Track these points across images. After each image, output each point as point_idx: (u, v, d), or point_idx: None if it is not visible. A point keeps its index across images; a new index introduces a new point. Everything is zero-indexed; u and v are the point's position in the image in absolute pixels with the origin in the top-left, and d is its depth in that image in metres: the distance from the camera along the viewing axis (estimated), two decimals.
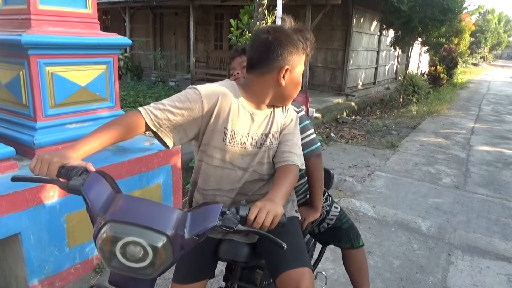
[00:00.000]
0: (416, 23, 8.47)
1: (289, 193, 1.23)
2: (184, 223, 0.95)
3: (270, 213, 1.02)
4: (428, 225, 3.43)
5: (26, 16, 2.40)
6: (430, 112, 9.47)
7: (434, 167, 5.20)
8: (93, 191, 0.99)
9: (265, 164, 1.40)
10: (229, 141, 1.33)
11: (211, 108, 1.29)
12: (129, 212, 0.92)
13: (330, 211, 1.91)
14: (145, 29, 13.81)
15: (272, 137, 1.39)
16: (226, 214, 0.99)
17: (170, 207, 0.97)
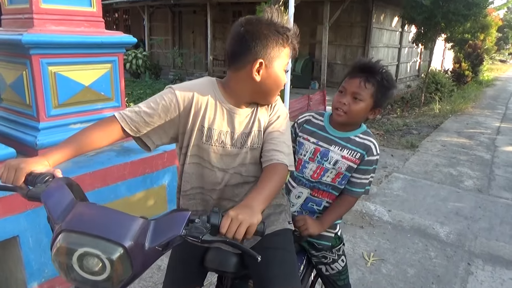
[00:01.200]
0: (439, 18, 8.16)
1: (272, 196, 1.10)
2: (146, 233, 0.87)
3: (244, 223, 0.92)
4: (447, 232, 3.25)
5: (29, 15, 2.36)
6: (454, 110, 9.14)
7: (456, 169, 4.98)
8: (53, 199, 0.94)
9: (249, 166, 1.29)
10: (205, 139, 1.26)
11: (187, 107, 1.23)
12: (85, 221, 0.86)
13: (337, 261, 1.74)
14: (164, 28, 13.89)
15: (254, 137, 1.27)
16: (194, 222, 0.90)
17: (131, 216, 0.88)
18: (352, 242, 3.02)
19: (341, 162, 1.53)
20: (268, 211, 1.36)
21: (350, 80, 1.49)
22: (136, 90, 9.14)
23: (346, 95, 1.48)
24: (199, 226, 0.89)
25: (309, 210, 1.65)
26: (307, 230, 1.55)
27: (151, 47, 13.62)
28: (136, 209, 2.63)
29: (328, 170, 1.56)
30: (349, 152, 1.53)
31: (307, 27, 10.77)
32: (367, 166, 1.55)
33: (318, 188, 1.60)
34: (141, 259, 0.85)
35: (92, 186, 2.37)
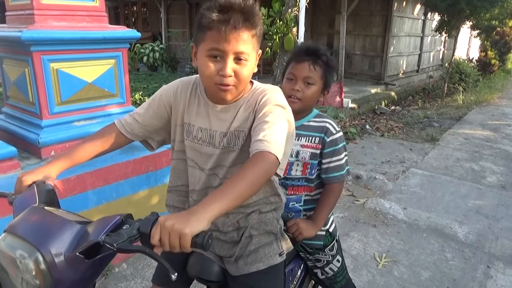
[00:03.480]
0: (463, 5, 7.77)
1: (240, 197, 0.88)
2: (73, 239, 0.84)
3: (173, 233, 0.78)
4: (466, 231, 3.08)
5: (30, 12, 2.33)
6: (478, 101, 8.77)
7: (478, 164, 4.75)
8: (20, 205, 0.99)
9: (227, 168, 1.17)
10: (186, 135, 1.22)
11: (170, 102, 1.23)
12: (23, 225, 0.88)
13: (331, 262, 1.65)
14: (181, 20, 13.83)
15: (233, 137, 1.15)
16: (122, 228, 0.83)
17: (68, 222, 0.87)
18: (364, 242, 2.91)
19: (302, 151, 1.48)
20: (256, 242, 1.25)
21: (298, 66, 1.46)
22: (152, 84, 9.16)
23: (297, 81, 1.45)
24: (124, 232, 0.81)
25: (293, 210, 1.57)
26: (301, 235, 1.47)
27: (168, 40, 13.62)
28: (139, 208, 2.59)
29: (293, 163, 1.50)
30: (307, 139, 1.49)
31: (325, 16, 10.52)
32: (333, 147, 1.49)
33: (292, 185, 1.54)
34: (63, 267, 0.82)
35: (93, 185, 2.34)
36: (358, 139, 5.74)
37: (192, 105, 1.21)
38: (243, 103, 1.16)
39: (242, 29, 1.02)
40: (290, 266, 1.52)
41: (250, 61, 1.08)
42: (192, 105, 1.21)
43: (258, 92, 1.16)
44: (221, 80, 1.05)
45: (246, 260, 1.24)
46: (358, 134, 6.00)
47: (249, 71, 1.09)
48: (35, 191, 1.01)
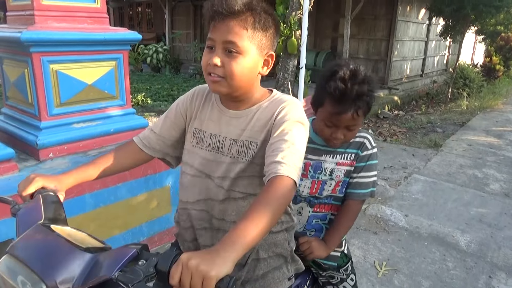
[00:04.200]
0: (469, 10, 7.73)
1: (265, 229, 0.82)
2: (81, 271, 0.76)
3: (197, 275, 0.69)
4: (468, 240, 3.04)
5: (30, 12, 2.32)
6: (482, 107, 8.71)
7: (482, 171, 4.70)
8: (23, 218, 0.93)
9: (231, 180, 1.10)
10: (194, 142, 1.18)
11: (186, 109, 1.21)
12: (27, 249, 0.80)
13: (345, 280, 1.60)
14: (185, 22, 13.85)
15: (242, 146, 1.10)
16: (137, 264, 0.75)
17: (77, 250, 0.78)
18: (364, 249, 2.87)
19: (337, 169, 1.40)
20: (265, 266, 1.18)
21: (340, 117, 1.28)
22: (155, 85, 9.15)
23: (339, 128, 1.31)
24: (139, 270, 0.73)
25: (315, 228, 1.50)
26: (312, 254, 1.40)
27: (172, 41, 13.64)
28: (138, 211, 2.57)
29: (326, 182, 1.42)
30: (342, 156, 1.40)
31: (329, 20, 10.50)
32: (364, 162, 1.40)
33: (319, 202, 1.46)
34: None
35: (91, 188, 2.31)
36: None
37: (205, 111, 1.18)
38: (258, 110, 1.11)
39: (231, 19, 1.00)
40: (297, 282, 1.44)
41: (245, 56, 1.02)
42: (205, 111, 1.18)
43: (276, 102, 1.11)
44: (209, 69, 1.04)
45: (254, 285, 1.17)
46: None
47: (241, 67, 1.02)
48: (41, 204, 0.94)
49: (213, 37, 1.03)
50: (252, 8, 1.02)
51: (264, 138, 1.08)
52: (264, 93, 1.16)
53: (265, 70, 1.10)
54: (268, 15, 1.05)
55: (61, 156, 2.43)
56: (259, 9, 1.03)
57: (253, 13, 1.02)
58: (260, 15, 1.03)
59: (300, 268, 1.29)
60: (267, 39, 1.06)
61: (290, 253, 1.24)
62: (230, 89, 1.05)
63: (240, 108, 1.13)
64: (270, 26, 1.05)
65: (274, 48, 1.11)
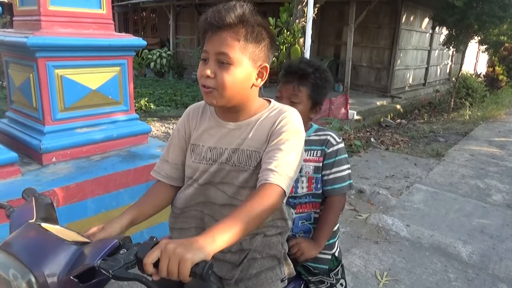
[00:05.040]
0: (472, 20, 7.76)
1: (245, 229, 0.87)
2: (70, 260, 0.81)
3: (173, 258, 0.74)
4: (470, 251, 3.03)
5: (37, 18, 2.34)
6: (485, 117, 8.70)
7: (484, 181, 4.69)
8: (17, 218, 0.97)
9: (235, 188, 1.13)
10: (193, 157, 1.19)
11: (185, 130, 1.23)
12: (17, 243, 0.85)
13: (334, 286, 1.61)
14: (189, 27, 13.94)
15: (244, 156, 1.11)
16: (119, 253, 0.79)
17: (63, 243, 0.83)
18: (365, 259, 2.86)
19: (305, 166, 1.48)
20: (259, 265, 1.20)
21: (284, 86, 1.48)
22: (158, 90, 9.18)
23: (283, 100, 1.46)
24: (120, 258, 0.77)
25: (303, 229, 1.54)
26: (303, 255, 1.43)
27: (176, 47, 13.71)
28: None
29: (298, 180, 1.48)
30: (309, 153, 1.48)
31: (333, 28, 10.54)
32: (332, 158, 1.49)
33: (299, 203, 1.51)
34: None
35: (93, 193, 2.32)
36: (362, 152, 5.70)
37: (202, 126, 1.19)
38: (258, 120, 1.13)
39: (224, 31, 1.02)
40: (290, 287, 1.48)
41: (236, 67, 1.03)
42: (202, 126, 1.19)
43: (275, 113, 1.13)
44: (202, 81, 1.05)
45: (247, 284, 1.20)
46: (363, 147, 5.96)
47: (233, 78, 1.03)
48: (33, 205, 0.98)
49: (207, 49, 1.05)
50: (245, 21, 1.03)
51: (265, 148, 1.10)
52: (263, 104, 1.17)
53: (259, 82, 1.11)
54: (262, 27, 1.06)
55: (64, 160, 2.44)
56: (252, 21, 1.04)
57: (245, 25, 1.03)
58: (253, 27, 1.04)
59: (292, 272, 1.31)
60: (260, 51, 1.07)
61: (284, 255, 1.27)
62: (223, 100, 1.06)
63: (239, 119, 1.14)
64: (263, 38, 1.07)
65: (269, 60, 1.12)
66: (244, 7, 1.04)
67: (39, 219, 0.94)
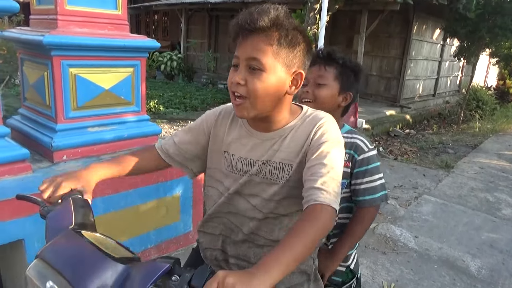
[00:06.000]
0: (484, 32, 7.72)
1: (302, 255, 0.79)
2: (117, 281, 0.74)
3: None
4: (479, 266, 2.98)
5: (53, 17, 2.36)
6: (495, 130, 8.62)
7: (493, 195, 4.63)
8: (53, 221, 0.93)
9: (263, 201, 1.08)
10: (226, 165, 1.14)
11: (210, 128, 1.18)
12: (58, 255, 0.79)
13: None
14: (201, 31, 14.02)
15: (276, 168, 1.06)
16: (170, 279, 0.73)
17: (110, 260, 0.76)
18: (372, 269, 2.83)
19: None
20: (287, 281, 1.15)
21: (310, 69, 1.39)
22: (168, 92, 9.22)
23: (309, 84, 1.40)
24: (173, 286, 0.71)
25: None
26: (325, 275, 1.39)
27: (186, 50, 13.79)
28: (147, 218, 2.56)
29: None
30: None
31: (343, 36, 10.54)
32: (364, 166, 1.39)
33: None
34: None
35: (102, 193, 2.32)
36: None
37: (233, 133, 1.14)
38: (291, 130, 1.07)
39: (256, 35, 0.97)
40: None
41: (269, 74, 0.97)
42: (232, 133, 1.14)
43: (309, 120, 1.07)
44: (232, 88, 1.00)
45: None
46: None
47: (265, 85, 0.97)
48: (71, 208, 0.93)
49: (238, 55, 1.00)
50: (278, 24, 0.97)
51: (300, 160, 1.04)
52: (295, 110, 1.11)
53: (293, 90, 1.04)
54: (297, 31, 1.00)
55: (75, 159, 2.45)
56: (287, 25, 0.98)
57: (279, 29, 0.97)
58: (288, 31, 0.98)
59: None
60: (294, 57, 1.00)
61: (314, 271, 1.22)
62: (255, 110, 1.01)
63: (271, 129, 1.08)
64: (298, 43, 1.00)
65: (305, 67, 1.05)
66: (278, 9, 0.98)
67: (77, 225, 0.89)
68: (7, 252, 2.21)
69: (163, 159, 1.21)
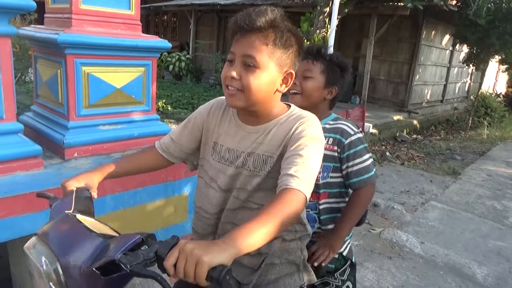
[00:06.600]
0: (494, 39, 7.69)
1: (267, 234, 0.83)
2: (94, 252, 0.82)
3: (191, 259, 0.71)
4: (485, 273, 2.97)
5: (68, 15, 2.39)
6: (503, 137, 8.57)
7: (501, 203, 4.60)
8: (56, 210, 1.01)
9: (248, 192, 1.13)
10: (214, 155, 1.20)
11: (203, 121, 1.24)
12: (51, 232, 0.90)
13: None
14: (209, 32, 14.09)
15: (258, 160, 1.11)
16: (140, 249, 0.79)
17: (90, 235, 0.86)
18: (378, 273, 2.82)
19: None
20: (277, 271, 1.20)
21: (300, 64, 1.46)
22: (176, 92, 9.27)
23: (297, 78, 1.44)
24: (141, 254, 0.77)
25: (308, 218, 1.49)
26: (326, 260, 1.42)
27: (195, 51, 13.86)
28: (155, 216, 2.58)
29: None
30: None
31: (352, 39, 10.53)
32: (353, 149, 1.45)
33: None
34: (78, 280, 0.80)
35: (112, 190, 2.34)
36: (377, 166, 5.65)
37: (223, 125, 1.21)
38: (275, 125, 1.12)
39: (253, 34, 1.02)
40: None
41: (262, 71, 1.03)
42: (222, 125, 1.21)
43: (293, 117, 1.12)
44: (227, 82, 1.06)
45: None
46: (378, 160, 5.92)
47: (258, 81, 1.03)
48: (73, 197, 1.02)
49: (234, 51, 1.05)
50: (275, 25, 1.03)
51: (280, 153, 1.09)
52: (283, 108, 1.17)
53: (283, 88, 1.11)
54: (291, 34, 1.06)
55: (85, 156, 2.47)
56: (282, 27, 1.04)
57: (275, 30, 1.03)
58: (283, 33, 1.03)
59: (312, 279, 1.29)
60: (287, 57, 1.06)
61: (303, 261, 1.26)
62: (247, 102, 1.06)
63: (258, 123, 1.14)
64: (292, 44, 1.06)
65: (295, 67, 1.11)
66: (275, 12, 1.03)
67: (76, 211, 0.97)
68: (18, 247, 2.24)
69: (164, 157, 1.29)
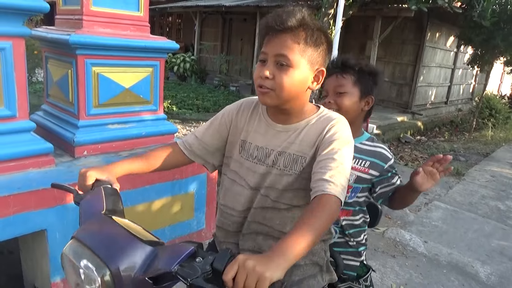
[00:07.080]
0: (499, 41, 7.68)
1: (312, 241, 0.85)
2: (143, 261, 0.81)
3: (252, 276, 0.72)
4: (488, 272, 2.99)
5: (79, 17, 2.45)
6: (508, 139, 8.56)
7: (505, 203, 4.62)
8: (86, 207, 1.00)
9: (279, 192, 1.13)
10: (242, 153, 1.21)
11: (231, 120, 1.24)
12: (92, 235, 0.87)
13: None
14: (214, 33, 14.15)
15: (289, 160, 1.12)
16: (194, 261, 0.79)
17: (139, 242, 0.84)
18: (382, 271, 2.86)
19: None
20: (301, 273, 1.20)
21: (327, 80, 1.44)
22: (180, 93, 9.34)
23: (329, 95, 1.44)
24: (197, 266, 0.77)
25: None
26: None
27: (199, 52, 13.93)
28: (162, 214, 2.63)
29: None
30: (357, 161, 1.43)
31: (356, 41, 10.56)
32: (391, 172, 1.48)
33: None
34: (128, 287, 0.80)
35: (121, 187, 2.38)
36: None
37: (252, 123, 1.21)
38: (306, 125, 1.14)
39: (284, 33, 1.04)
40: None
41: (295, 69, 1.05)
42: (252, 123, 1.21)
43: (324, 118, 1.14)
44: (260, 82, 1.07)
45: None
46: None
47: (291, 79, 1.05)
48: (102, 195, 1.01)
49: (266, 51, 1.07)
50: (305, 24, 1.05)
51: (313, 154, 1.10)
52: (312, 109, 1.18)
53: (315, 85, 1.13)
54: (321, 32, 1.08)
55: (95, 154, 2.53)
56: (312, 25, 1.06)
57: (305, 28, 1.05)
58: (313, 31, 1.06)
59: (334, 279, 1.31)
60: (318, 55, 1.09)
61: (326, 262, 1.27)
62: (279, 101, 1.08)
63: (288, 122, 1.15)
64: (322, 42, 1.09)
65: (326, 65, 1.14)
66: (303, 11, 1.06)
67: (108, 211, 0.97)
68: (29, 242, 2.30)
69: (185, 155, 1.27)
